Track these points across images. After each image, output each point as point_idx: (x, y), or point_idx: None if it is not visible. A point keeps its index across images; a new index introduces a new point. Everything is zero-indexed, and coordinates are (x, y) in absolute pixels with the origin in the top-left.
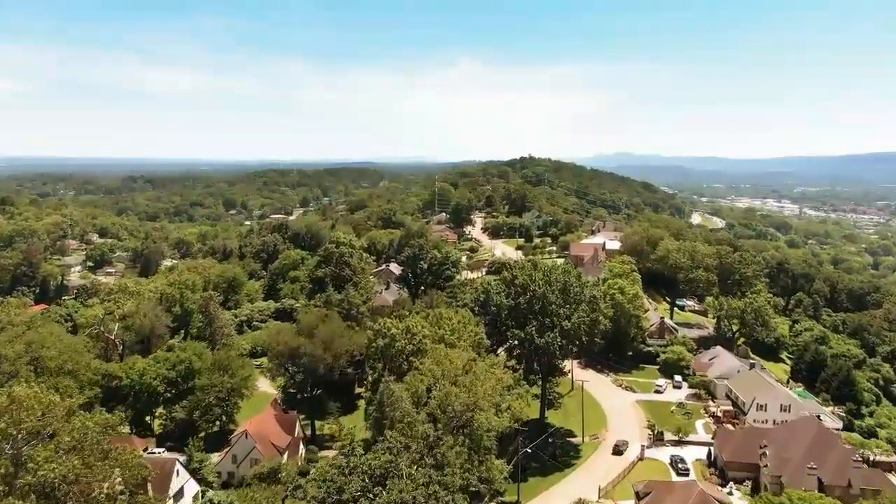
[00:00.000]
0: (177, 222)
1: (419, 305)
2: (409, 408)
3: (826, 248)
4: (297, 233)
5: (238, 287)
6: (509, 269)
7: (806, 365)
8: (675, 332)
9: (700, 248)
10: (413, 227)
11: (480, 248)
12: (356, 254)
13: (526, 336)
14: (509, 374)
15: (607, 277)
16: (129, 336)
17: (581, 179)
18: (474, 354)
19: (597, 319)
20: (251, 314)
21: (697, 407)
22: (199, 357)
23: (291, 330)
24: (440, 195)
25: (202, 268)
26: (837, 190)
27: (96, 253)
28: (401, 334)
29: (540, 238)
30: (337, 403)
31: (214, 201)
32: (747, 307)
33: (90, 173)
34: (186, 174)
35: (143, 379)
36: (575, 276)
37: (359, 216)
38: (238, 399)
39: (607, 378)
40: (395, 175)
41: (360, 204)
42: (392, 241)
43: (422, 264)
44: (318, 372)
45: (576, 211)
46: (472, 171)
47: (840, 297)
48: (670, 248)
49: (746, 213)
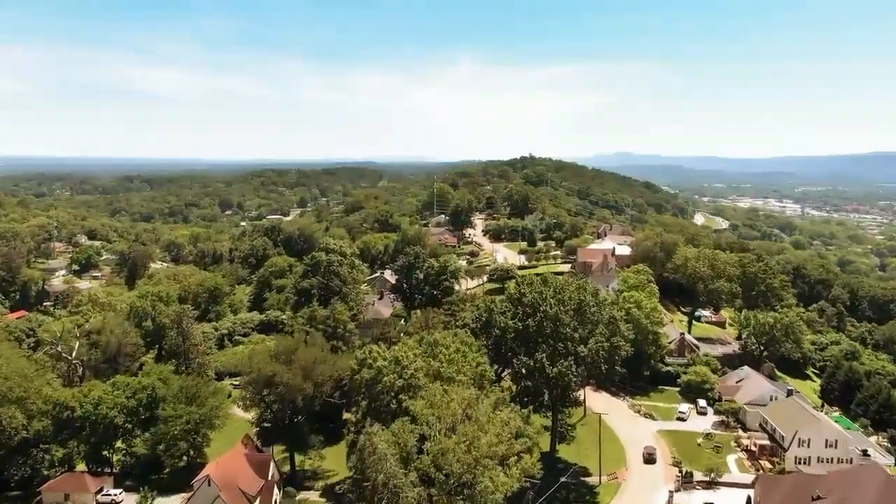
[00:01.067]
0: (171, 223)
1: (413, 324)
2: (394, 469)
3: (831, 249)
4: (289, 236)
5: (220, 297)
6: (516, 285)
7: (839, 385)
8: (697, 350)
9: (721, 255)
10: (409, 231)
11: (481, 253)
12: (347, 262)
13: (536, 365)
14: (517, 415)
15: (622, 289)
16: (95, 355)
17: (583, 180)
18: (475, 391)
19: (617, 345)
20: (233, 327)
21: (727, 438)
22: (163, 383)
23: (268, 353)
24: (439, 196)
25: (182, 276)
26: (839, 190)
27: (82, 256)
28: (388, 366)
29: (543, 242)
30: (320, 437)
31: (210, 202)
32: (777, 323)
33: (89, 173)
34: (185, 174)
35: (98, 409)
36: (591, 293)
37: (354, 218)
38: (208, 430)
39: (623, 402)
40: (395, 175)
41: (356, 205)
42: (387, 246)
43: (418, 274)
44: (296, 404)
45: (579, 213)
46: (472, 171)
47: (861, 304)
48: (689, 255)
49: (750, 213)
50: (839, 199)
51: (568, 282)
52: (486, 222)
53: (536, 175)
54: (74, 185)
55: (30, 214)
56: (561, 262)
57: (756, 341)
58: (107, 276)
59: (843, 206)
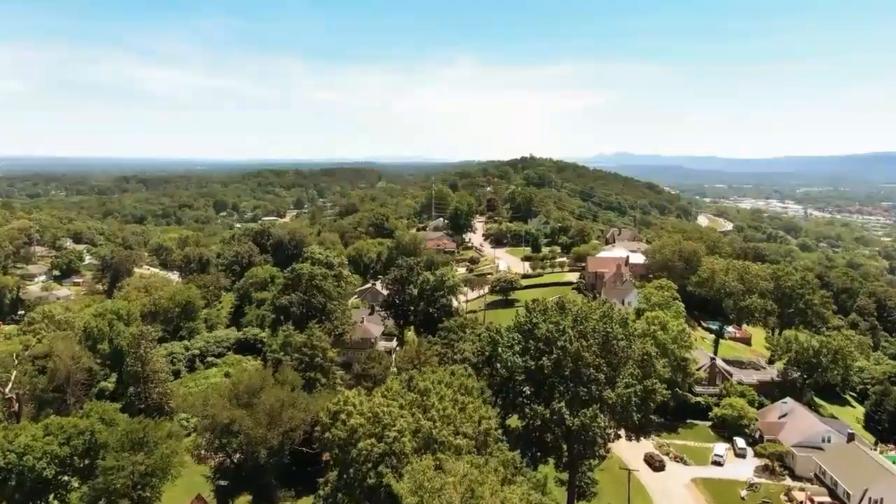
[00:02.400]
0: (163, 225)
1: (402, 356)
2: None
3: (838, 251)
4: (279, 241)
5: (193, 312)
6: (527, 311)
7: (888, 415)
8: (729, 377)
9: (753, 268)
10: (404, 238)
11: (482, 259)
12: (333, 274)
13: (553, 415)
14: (532, 490)
15: (643, 307)
16: (42, 383)
17: (585, 180)
18: (478, 458)
19: (652, 388)
20: (206, 347)
21: (776, 491)
22: (106, 425)
23: (229, 391)
24: (437, 199)
25: (154, 288)
26: (841, 190)
27: (62, 261)
28: (366, 425)
29: (549, 247)
30: (291, 492)
31: (205, 202)
32: (823, 348)
33: (88, 173)
34: (182, 175)
35: (24, 459)
36: (618, 322)
37: (348, 222)
38: (160, 482)
39: (649, 441)
40: (394, 175)
41: (350, 208)
42: (380, 254)
43: (411, 289)
44: (259, 458)
45: (583, 215)
46: (472, 171)
47: (891, 316)
48: (716, 268)
49: (754, 214)
50: (841, 200)
51: (591, 308)
52: (486, 226)
53: (538, 176)
54: (70, 186)
55: (13, 217)
56: (568, 269)
57: (798, 368)
58: (88, 283)
59: (846, 208)
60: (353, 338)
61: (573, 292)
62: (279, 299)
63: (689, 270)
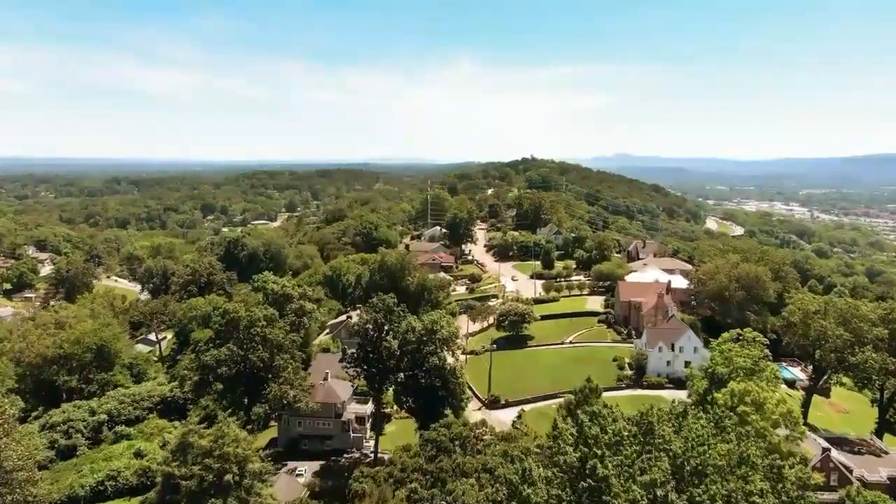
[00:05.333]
0: (146, 229)
1: None
2: None
3: (855, 257)
4: (252, 253)
5: (110, 358)
6: (575, 430)
7: None
8: (850, 473)
9: (862, 308)
10: (390, 257)
11: (484, 276)
12: (293, 310)
13: None
14: None
15: (718, 371)
16: None
17: (590, 182)
18: None
19: None
20: (118, 409)
21: None
22: None
23: None
24: (433, 204)
25: (65, 323)
26: (844, 192)
27: (13, 273)
28: None
29: (561, 261)
30: None
31: (193, 205)
32: None
33: (83, 174)
34: (176, 176)
35: None
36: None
37: (331, 231)
38: None
39: None
40: (392, 177)
41: (337, 214)
42: (360, 276)
43: (389, 341)
44: None
45: (592, 221)
46: (472, 172)
47: None
48: (809, 308)
49: (763, 218)
50: (846, 202)
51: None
52: (488, 234)
53: (541, 178)
54: (60, 188)
55: None
56: (588, 292)
57: None
58: (41, 298)
59: (852, 210)
60: (314, 403)
61: (600, 326)
62: (204, 355)
63: (750, 301)
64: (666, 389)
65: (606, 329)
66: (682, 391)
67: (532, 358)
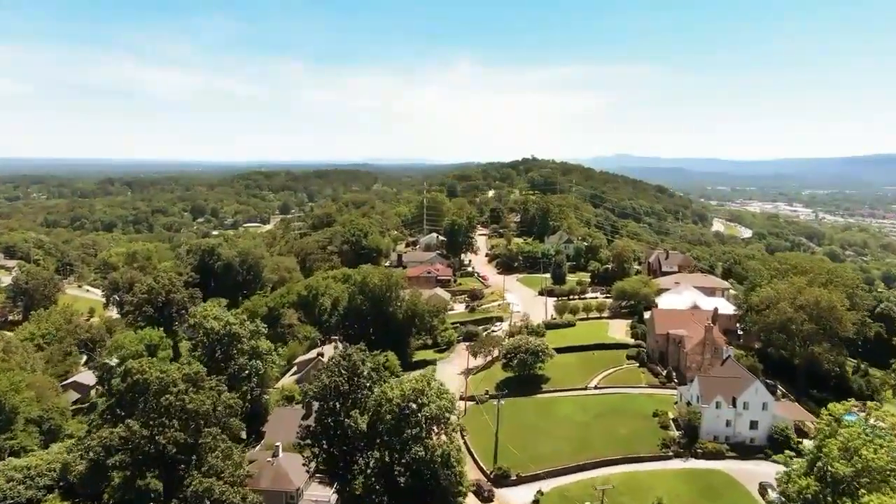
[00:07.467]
0: (132, 233)
1: None
2: None
3: (868, 260)
4: (228, 264)
5: (13, 413)
6: None
7: None
8: None
9: None
10: (371, 278)
11: (487, 292)
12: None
13: None
14: None
15: (836, 470)
16: None
17: (593, 183)
18: None
19: None
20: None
21: None
22: None
23: None
24: (430, 208)
25: None
26: (846, 193)
27: None
28: None
29: (575, 275)
30: None
31: (183, 207)
32: None
33: (77, 175)
34: (172, 176)
35: None
36: None
37: (316, 239)
38: None
39: None
40: (391, 177)
41: (325, 219)
42: (337, 301)
43: (355, 420)
44: None
45: (600, 225)
46: (472, 173)
47: None
48: None
49: (771, 220)
50: (850, 203)
51: None
52: (490, 241)
53: (544, 179)
54: (53, 188)
55: None
56: (609, 314)
57: None
58: None
59: (857, 211)
60: (258, 488)
61: (630, 363)
62: (91, 438)
63: (822, 334)
64: (727, 460)
65: (639, 368)
66: (747, 462)
67: (548, 409)
